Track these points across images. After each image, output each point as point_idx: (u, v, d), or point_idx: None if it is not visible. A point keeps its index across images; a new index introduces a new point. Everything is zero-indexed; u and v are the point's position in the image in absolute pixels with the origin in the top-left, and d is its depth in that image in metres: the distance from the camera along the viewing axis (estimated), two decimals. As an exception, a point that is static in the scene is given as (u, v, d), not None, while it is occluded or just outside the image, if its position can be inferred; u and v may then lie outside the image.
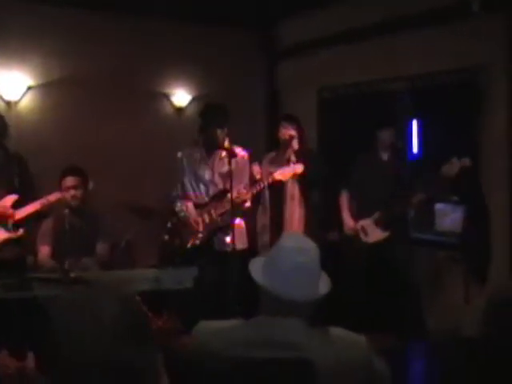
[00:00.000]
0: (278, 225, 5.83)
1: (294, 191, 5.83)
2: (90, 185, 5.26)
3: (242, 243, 5.33)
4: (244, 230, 5.47)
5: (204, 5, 7.04)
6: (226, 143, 4.90)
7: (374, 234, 5.64)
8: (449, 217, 6.02)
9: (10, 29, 6.56)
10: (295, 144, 5.81)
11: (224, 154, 5.18)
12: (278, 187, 5.71)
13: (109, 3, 6.84)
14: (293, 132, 5.80)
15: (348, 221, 5.85)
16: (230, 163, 4.83)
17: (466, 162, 5.13)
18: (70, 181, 5.13)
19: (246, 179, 5.40)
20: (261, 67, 8.29)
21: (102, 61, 7.04)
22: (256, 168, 5.69)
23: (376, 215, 5.62)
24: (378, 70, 6.62)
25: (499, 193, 5.57)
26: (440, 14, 5.94)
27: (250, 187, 5.30)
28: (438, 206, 6.08)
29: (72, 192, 5.13)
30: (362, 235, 5.70)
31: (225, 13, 7.35)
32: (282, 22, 8.04)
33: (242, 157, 5.33)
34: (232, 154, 4.88)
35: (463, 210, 5.82)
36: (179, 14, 7.23)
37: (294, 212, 5.84)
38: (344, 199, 5.96)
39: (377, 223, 5.63)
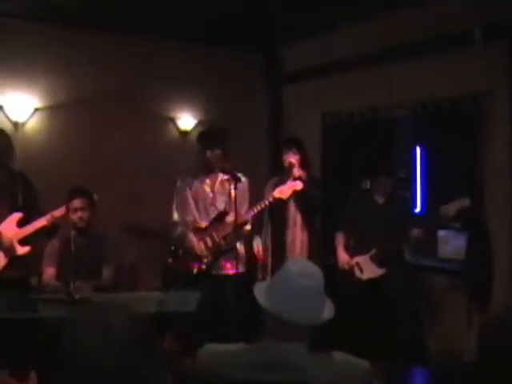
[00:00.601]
0: (279, 249, 5.82)
1: (296, 216, 5.83)
2: (95, 197, 5.26)
3: (241, 267, 5.36)
4: (243, 254, 5.48)
5: (210, 28, 7.12)
6: (226, 166, 4.99)
7: (370, 270, 5.56)
8: (451, 243, 6.03)
9: (17, 50, 6.63)
10: (296, 171, 5.72)
11: (224, 177, 5.26)
12: (279, 211, 5.71)
13: (116, 25, 6.92)
14: (294, 158, 5.74)
15: (342, 256, 5.76)
16: (236, 187, 4.90)
17: (465, 202, 5.06)
18: (77, 202, 5.12)
19: (247, 204, 5.43)
20: (265, 91, 8.36)
21: (109, 83, 7.11)
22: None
23: (372, 252, 5.55)
24: (381, 96, 6.67)
25: (501, 219, 5.58)
26: (442, 42, 5.99)
27: (250, 208, 5.32)
28: (441, 233, 6.09)
29: (79, 214, 5.13)
30: (356, 271, 5.62)
31: (231, 37, 7.43)
32: (286, 47, 8.12)
33: (242, 181, 5.37)
34: (235, 177, 4.95)
35: (466, 237, 5.82)
36: (185, 37, 7.32)
37: (297, 237, 5.83)
38: (340, 237, 5.87)
39: (372, 260, 5.56)
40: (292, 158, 5.74)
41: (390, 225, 5.51)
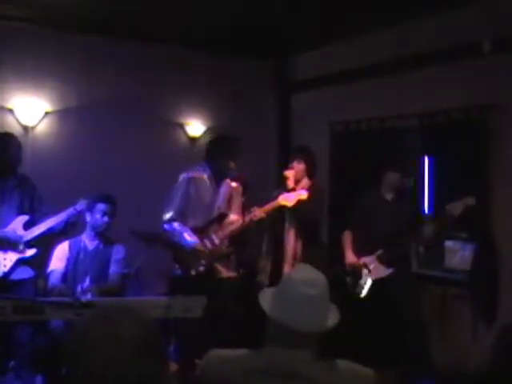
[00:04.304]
0: (277, 256, 5.66)
1: (292, 225, 5.57)
2: None
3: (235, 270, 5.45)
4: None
5: (220, 36, 7.16)
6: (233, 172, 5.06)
7: (377, 270, 5.58)
8: (458, 254, 6.01)
9: (28, 54, 6.70)
10: (290, 183, 5.53)
11: (229, 181, 5.30)
12: (279, 216, 5.57)
13: (126, 31, 6.97)
14: (300, 167, 5.56)
15: (349, 257, 5.77)
16: (243, 194, 4.92)
17: (470, 201, 5.09)
18: (104, 206, 5.15)
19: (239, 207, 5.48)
20: (274, 99, 8.39)
21: (118, 89, 7.16)
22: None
23: (379, 253, 5.57)
24: (389, 106, 6.68)
25: (509, 230, 5.58)
26: (451, 53, 6.01)
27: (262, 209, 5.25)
28: (448, 243, 6.08)
29: (106, 218, 5.17)
30: (364, 272, 5.63)
31: (241, 45, 7.47)
32: (295, 56, 8.14)
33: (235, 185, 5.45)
34: (247, 185, 4.99)
35: (472, 248, 5.82)
36: (196, 45, 7.37)
37: (296, 246, 5.65)
38: (347, 236, 5.90)
39: (380, 260, 5.57)
40: (298, 166, 5.57)
41: (398, 221, 5.53)
